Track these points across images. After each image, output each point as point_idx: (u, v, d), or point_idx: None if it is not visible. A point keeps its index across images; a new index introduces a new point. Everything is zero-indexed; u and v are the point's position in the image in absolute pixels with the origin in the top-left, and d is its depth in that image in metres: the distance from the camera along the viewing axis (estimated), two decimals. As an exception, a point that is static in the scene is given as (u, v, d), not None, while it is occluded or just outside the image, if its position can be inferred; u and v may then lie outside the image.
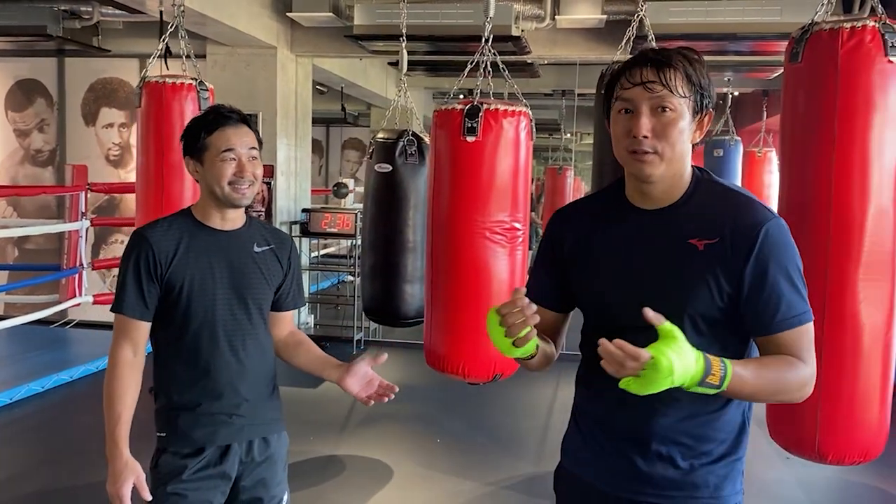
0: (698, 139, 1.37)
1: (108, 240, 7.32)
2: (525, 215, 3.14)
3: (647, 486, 1.38)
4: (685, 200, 1.37)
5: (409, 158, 4.19)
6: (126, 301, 1.76)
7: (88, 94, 7.23)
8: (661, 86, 1.30)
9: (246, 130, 1.82)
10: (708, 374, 1.19)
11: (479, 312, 3.09)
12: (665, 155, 1.32)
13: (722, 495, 1.37)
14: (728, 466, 1.37)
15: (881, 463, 3.76)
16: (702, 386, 1.20)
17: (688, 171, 1.38)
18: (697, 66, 1.33)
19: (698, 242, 1.31)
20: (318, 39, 6.48)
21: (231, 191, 1.78)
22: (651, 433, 1.37)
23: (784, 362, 1.30)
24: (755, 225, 1.30)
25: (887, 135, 2.21)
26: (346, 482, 3.76)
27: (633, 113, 1.33)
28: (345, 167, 12.61)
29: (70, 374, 5.29)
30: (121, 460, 1.72)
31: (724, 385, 1.21)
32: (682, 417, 1.35)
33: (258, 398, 1.86)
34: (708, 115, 1.36)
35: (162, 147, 3.38)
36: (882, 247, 2.24)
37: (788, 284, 1.30)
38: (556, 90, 9.08)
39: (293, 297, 1.98)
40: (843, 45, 2.19)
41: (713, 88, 1.36)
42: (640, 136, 1.31)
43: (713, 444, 1.36)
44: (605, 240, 1.42)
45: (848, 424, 2.30)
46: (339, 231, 6.48)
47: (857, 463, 2.38)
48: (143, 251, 1.76)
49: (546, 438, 4.53)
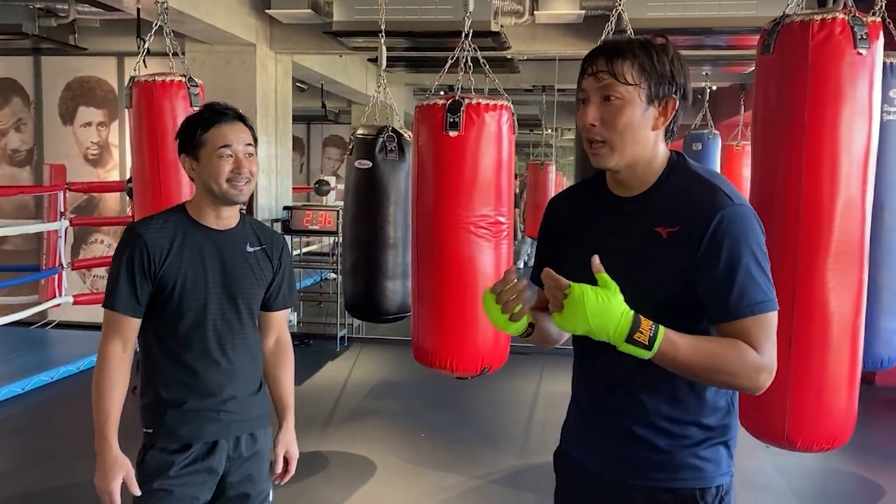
0: (662, 125, 1.36)
1: (87, 240, 7.26)
2: (509, 209, 3.16)
3: (633, 468, 1.41)
4: (657, 187, 1.38)
5: (389, 154, 4.19)
6: (119, 297, 1.76)
7: (66, 92, 7.16)
8: (608, 75, 1.32)
9: (242, 127, 1.82)
10: (635, 330, 1.23)
11: (465, 307, 3.12)
12: (614, 144, 1.34)
13: (705, 476, 1.38)
14: (711, 449, 1.39)
15: (860, 449, 3.84)
16: (630, 343, 1.24)
17: (660, 158, 1.39)
18: (655, 54, 1.33)
19: (663, 230, 1.33)
20: (298, 36, 6.46)
21: (229, 187, 1.78)
22: (633, 417, 1.39)
23: (729, 343, 1.29)
24: (711, 211, 1.30)
25: (856, 126, 2.25)
26: (331, 478, 3.77)
27: (586, 102, 1.36)
28: (326, 164, 12.59)
29: (51, 376, 5.25)
30: (110, 455, 1.72)
31: (654, 347, 1.23)
32: (661, 402, 1.37)
33: (245, 395, 1.87)
34: (670, 101, 1.35)
35: (156, 145, 3.37)
36: (850, 236, 2.28)
37: (745, 273, 1.29)
38: (536, 86, 9.11)
39: (283, 297, 1.98)
40: (813, 37, 2.22)
41: (680, 74, 1.35)
42: (588, 125, 1.35)
43: (694, 428, 1.38)
44: (585, 225, 1.46)
45: (816, 412, 2.34)
46: (320, 228, 6.47)
47: (826, 450, 2.42)
48: (138, 247, 1.75)
49: (530, 431, 4.56)
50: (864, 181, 2.29)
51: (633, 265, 1.35)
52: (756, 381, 1.30)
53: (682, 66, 1.36)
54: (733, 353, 1.28)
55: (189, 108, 3.35)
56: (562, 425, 1.59)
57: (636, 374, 1.35)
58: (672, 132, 1.39)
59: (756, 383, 1.30)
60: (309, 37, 6.42)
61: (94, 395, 1.74)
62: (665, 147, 1.41)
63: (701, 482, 1.37)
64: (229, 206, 1.84)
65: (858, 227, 2.29)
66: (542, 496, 3.61)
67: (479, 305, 3.39)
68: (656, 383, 1.36)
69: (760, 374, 1.30)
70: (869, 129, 2.28)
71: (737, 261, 1.29)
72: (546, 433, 4.52)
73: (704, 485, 1.37)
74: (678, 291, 1.33)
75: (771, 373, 1.31)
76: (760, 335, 1.30)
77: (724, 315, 1.31)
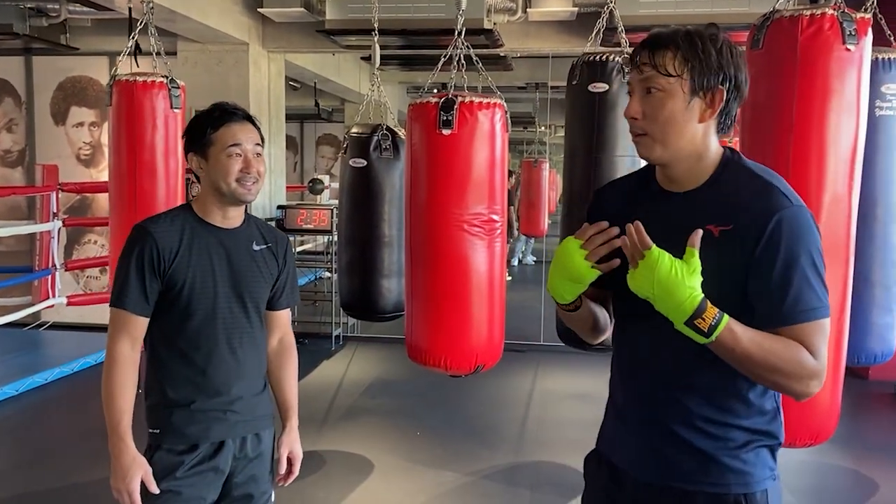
0: (710, 118, 1.32)
1: (80, 240, 7.23)
2: (502, 207, 3.16)
3: (673, 472, 1.37)
4: (710, 184, 1.35)
5: (383, 153, 4.19)
6: (128, 296, 1.75)
7: (57, 92, 7.13)
8: (649, 66, 1.30)
9: (251, 127, 1.83)
10: (700, 314, 1.21)
11: (459, 305, 3.12)
12: (656, 136, 1.32)
13: (749, 482, 1.34)
14: (753, 452, 1.35)
15: (853, 444, 3.86)
16: (689, 327, 1.22)
17: (712, 153, 1.35)
18: (701, 44, 1.29)
19: (714, 228, 1.29)
20: (290, 35, 6.45)
21: (238, 186, 1.78)
22: (674, 418, 1.36)
23: (789, 344, 1.26)
24: (768, 212, 1.26)
25: (844, 122, 2.25)
26: (327, 476, 3.77)
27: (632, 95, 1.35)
28: (320, 163, 12.57)
29: (45, 377, 5.22)
30: (128, 455, 1.72)
31: (713, 335, 1.22)
32: (704, 403, 1.34)
33: (252, 395, 1.87)
34: (717, 92, 1.30)
35: (134, 145, 3.36)
36: (837, 233, 2.28)
37: (801, 277, 1.26)
38: (529, 83, 9.11)
39: (286, 295, 1.98)
40: (802, 33, 2.22)
41: (730, 65, 1.30)
42: (630, 118, 1.33)
43: (737, 431, 1.34)
44: (631, 218, 1.40)
45: (800, 407, 2.32)
46: (315, 227, 6.46)
47: (809, 445, 2.43)
48: (147, 246, 1.75)
49: (524, 429, 4.57)
50: (851, 178, 2.29)
51: None
52: (808, 387, 1.27)
53: (732, 57, 1.31)
54: (792, 354, 1.25)
55: (169, 110, 3.34)
56: (599, 429, 1.55)
57: (679, 375, 1.32)
58: (725, 126, 1.35)
59: (807, 388, 1.27)
60: (302, 35, 6.41)
61: (106, 396, 1.74)
62: (717, 142, 1.37)
63: (744, 487, 1.34)
64: (236, 206, 1.84)
65: (844, 223, 2.29)
66: (536, 493, 3.62)
67: (472, 303, 3.38)
68: (699, 385, 1.33)
69: (812, 380, 1.27)
70: (856, 125, 2.28)
71: (793, 265, 1.26)
72: (540, 431, 4.53)
73: (748, 490, 1.34)
74: (725, 291, 1.28)
75: (821, 380, 1.28)
76: (815, 342, 1.26)
77: (778, 320, 1.27)
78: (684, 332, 1.23)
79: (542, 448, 4.21)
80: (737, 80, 1.32)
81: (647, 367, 1.37)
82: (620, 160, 3.21)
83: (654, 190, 1.41)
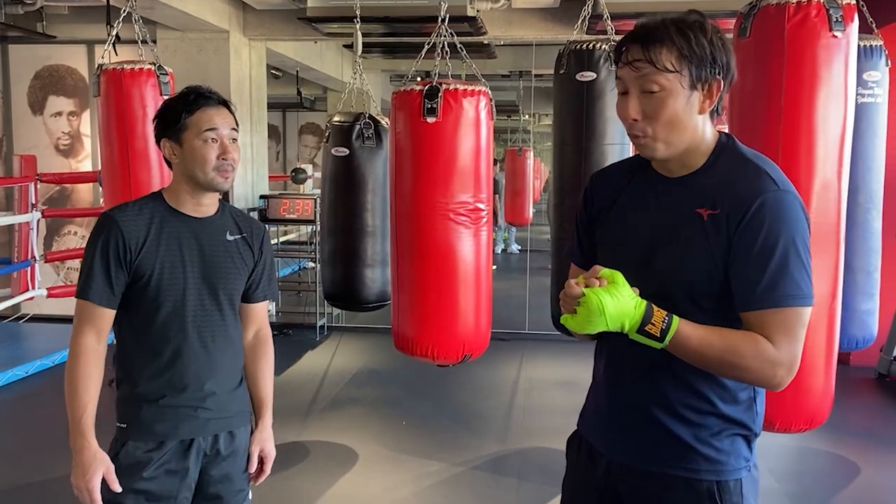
0: (709, 108, 1.31)
1: (60, 231, 7.14)
2: (488, 196, 3.15)
3: (652, 456, 1.38)
4: (704, 169, 1.34)
5: (366, 142, 4.16)
6: (93, 287, 1.69)
7: (35, 81, 7.01)
8: (646, 63, 1.26)
9: (227, 112, 1.77)
10: (647, 322, 1.22)
11: (445, 294, 3.11)
12: (659, 136, 1.30)
13: (722, 470, 1.35)
14: (728, 440, 1.36)
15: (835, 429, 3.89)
16: (641, 334, 1.23)
17: (707, 140, 1.35)
18: (693, 35, 1.27)
19: (703, 212, 1.29)
20: (272, 22, 6.38)
21: (216, 175, 1.72)
22: (654, 402, 1.37)
23: (745, 336, 1.25)
24: (752, 195, 1.26)
25: (832, 108, 2.26)
26: (312, 467, 3.75)
27: (626, 94, 1.31)
28: (302, 152, 12.48)
29: (25, 370, 5.17)
30: (89, 451, 1.66)
31: (666, 339, 1.23)
32: (682, 389, 1.35)
33: (225, 391, 1.81)
34: (714, 82, 1.29)
35: (126, 135, 3.31)
36: (827, 219, 2.30)
37: (779, 262, 1.24)
38: (513, 71, 9.08)
39: (263, 288, 1.91)
40: (789, 20, 2.23)
41: (721, 52, 1.29)
42: (630, 120, 1.31)
43: (713, 418, 1.35)
44: (625, 202, 1.42)
45: (794, 393, 2.35)
46: (298, 217, 6.42)
47: (804, 430, 2.45)
48: (113, 235, 1.69)
49: (510, 417, 4.58)
50: (840, 163, 2.31)
51: (668, 244, 1.32)
52: (772, 378, 1.26)
53: (722, 44, 1.29)
54: (747, 346, 1.25)
55: (159, 97, 3.30)
56: (580, 411, 1.56)
57: (658, 361, 1.32)
58: (717, 111, 1.34)
59: (773, 379, 1.26)
60: (283, 23, 6.34)
61: (68, 390, 1.68)
62: (712, 128, 1.36)
63: (717, 475, 1.35)
64: (210, 193, 1.78)
65: (835, 208, 2.31)
66: (523, 482, 3.63)
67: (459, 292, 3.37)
68: (678, 370, 1.33)
69: (777, 370, 1.25)
70: (844, 111, 2.29)
71: (772, 248, 1.24)
72: (527, 419, 4.54)
73: (721, 478, 1.35)
74: (710, 275, 1.29)
75: (790, 369, 1.26)
76: (779, 329, 1.25)
77: (750, 303, 1.26)
78: (640, 340, 1.25)
79: (528, 435, 4.22)
80: (729, 67, 1.31)
81: (628, 352, 1.37)
82: (610, 148, 3.20)
83: (649, 175, 1.41)
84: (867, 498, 3.54)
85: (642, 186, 1.41)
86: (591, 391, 1.53)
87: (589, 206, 1.50)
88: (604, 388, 1.47)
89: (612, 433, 1.44)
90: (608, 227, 1.44)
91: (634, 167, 1.45)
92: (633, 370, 1.39)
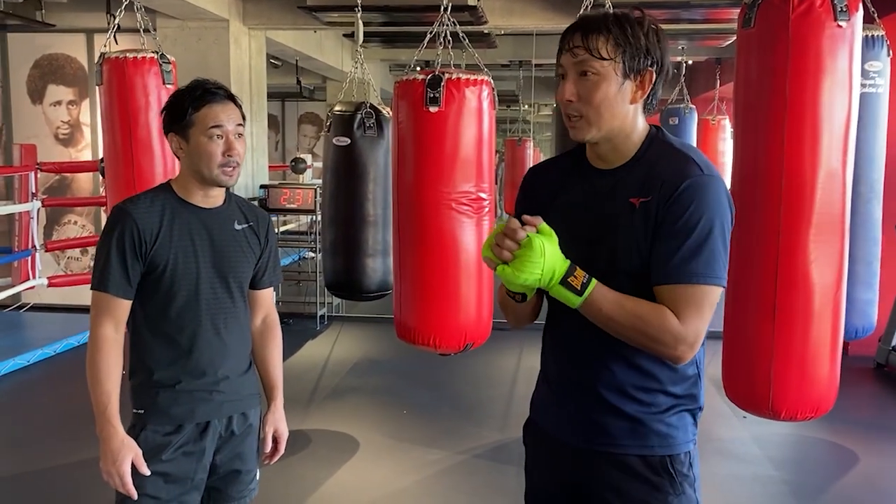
0: (640, 99, 1.37)
1: (60, 221, 7.13)
2: (490, 185, 3.15)
3: (601, 436, 1.42)
4: (635, 160, 1.40)
5: (367, 131, 4.16)
6: (111, 279, 1.72)
7: (34, 70, 6.99)
8: (583, 50, 1.33)
9: (233, 107, 1.79)
10: (570, 274, 1.28)
11: (447, 284, 3.12)
12: (591, 118, 1.35)
13: (672, 444, 1.41)
14: (677, 416, 1.41)
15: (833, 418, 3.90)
16: (563, 286, 1.28)
17: (639, 131, 1.40)
18: (630, 27, 1.33)
19: (636, 201, 1.35)
20: (271, 11, 6.35)
21: (220, 173, 1.76)
22: (602, 384, 1.41)
23: (653, 307, 1.31)
24: (678, 180, 1.32)
25: (837, 98, 2.26)
26: (313, 456, 3.77)
27: (564, 77, 1.37)
28: (302, 142, 12.47)
29: (26, 359, 5.17)
30: (117, 438, 1.71)
31: (585, 293, 1.28)
32: (630, 369, 1.39)
33: (237, 374, 1.87)
34: (647, 74, 1.36)
35: (129, 123, 3.30)
36: (832, 208, 2.31)
37: (695, 240, 1.30)
38: (513, 61, 9.05)
39: (269, 274, 1.97)
40: (794, 10, 2.23)
41: (656, 47, 1.35)
42: (564, 101, 1.37)
43: (662, 395, 1.40)
44: (565, 197, 1.47)
45: (800, 381, 2.37)
46: (298, 207, 6.42)
47: (809, 418, 2.47)
48: (128, 227, 1.72)
49: (511, 406, 4.59)
50: (845, 153, 2.31)
51: (606, 234, 1.37)
52: (674, 351, 1.31)
53: (658, 40, 1.36)
54: (654, 317, 1.30)
55: (162, 86, 3.29)
56: (530, 398, 1.61)
57: (606, 341, 1.36)
58: (651, 105, 1.40)
59: (674, 352, 1.32)
60: (283, 12, 6.31)
61: (91, 380, 1.72)
62: (644, 121, 1.42)
63: (669, 449, 1.40)
64: (217, 187, 1.82)
65: (840, 198, 2.32)
66: (522, 469, 3.65)
67: (461, 282, 3.38)
68: (625, 351, 1.37)
69: (679, 345, 1.30)
70: (849, 101, 2.30)
71: (692, 228, 1.30)
72: (527, 408, 4.56)
73: (673, 451, 1.40)
74: (644, 259, 1.34)
75: (692, 346, 1.31)
76: (687, 305, 1.30)
77: (662, 277, 1.32)
78: (559, 294, 1.29)
79: (528, 425, 4.23)
80: (663, 62, 1.38)
81: (576, 334, 1.41)
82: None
83: (584, 167, 1.46)
84: (865, 486, 3.56)
85: (579, 181, 1.46)
86: (541, 377, 1.57)
87: (530, 199, 1.53)
88: (554, 373, 1.52)
89: (565, 417, 1.48)
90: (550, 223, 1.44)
91: (571, 161, 1.50)
92: (581, 353, 1.43)
